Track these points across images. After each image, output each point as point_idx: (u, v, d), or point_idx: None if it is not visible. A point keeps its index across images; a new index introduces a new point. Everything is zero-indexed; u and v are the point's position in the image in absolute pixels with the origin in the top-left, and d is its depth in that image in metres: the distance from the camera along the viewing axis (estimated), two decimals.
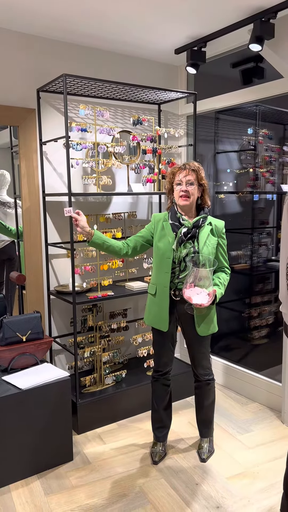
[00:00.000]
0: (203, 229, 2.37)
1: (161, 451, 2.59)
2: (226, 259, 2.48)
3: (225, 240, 2.45)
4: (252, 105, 3.44)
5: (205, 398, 2.55)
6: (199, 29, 2.87)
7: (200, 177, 2.36)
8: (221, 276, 2.43)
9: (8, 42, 2.81)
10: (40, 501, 2.24)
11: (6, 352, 2.57)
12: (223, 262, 2.46)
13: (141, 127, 3.39)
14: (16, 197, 3.31)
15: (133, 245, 2.48)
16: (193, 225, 2.36)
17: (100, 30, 2.84)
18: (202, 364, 2.50)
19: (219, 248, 2.43)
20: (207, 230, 2.38)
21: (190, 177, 2.33)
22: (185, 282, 2.25)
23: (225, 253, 2.46)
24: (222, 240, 2.43)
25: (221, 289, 2.37)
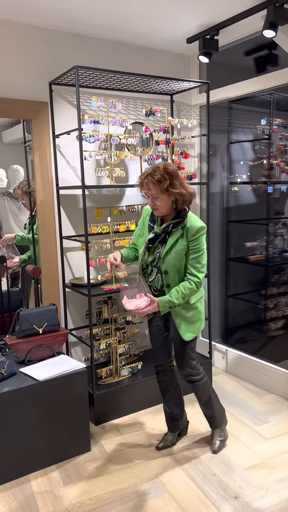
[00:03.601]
0: (174, 234, 2.22)
1: (167, 440, 2.61)
2: (194, 265, 2.22)
3: (198, 244, 2.20)
4: (266, 93, 3.38)
5: (196, 396, 2.53)
6: (211, 16, 2.83)
7: (167, 185, 2.13)
8: (180, 286, 2.21)
9: (19, 35, 2.81)
10: (59, 490, 2.26)
11: (23, 344, 2.59)
12: (189, 269, 2.23)
13: (154, 118, 3.36)
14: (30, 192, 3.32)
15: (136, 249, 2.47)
16: (162, 230, 2.24)
17: (111, 20, 2.82)
18: (182, 366, 2.43)
19: (188, 253, 2.22)
20: (177, 235, 2.21)
21: (152, 191, 2.16)
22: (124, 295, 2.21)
23: (194, 259, 2.21)
24: (191, 244, 2.20)
25: (172, 299, 2.19)
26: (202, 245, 2.23)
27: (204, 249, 2.24)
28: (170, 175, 2.14)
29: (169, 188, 2.14)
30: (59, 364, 2.57)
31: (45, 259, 3.05)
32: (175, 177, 2.16)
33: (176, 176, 2.17)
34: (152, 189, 2.16)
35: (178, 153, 3.26)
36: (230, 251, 3.99)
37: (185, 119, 3.34)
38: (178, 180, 2.18)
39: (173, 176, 2.15)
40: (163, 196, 2.17)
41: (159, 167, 2.17)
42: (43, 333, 2.66)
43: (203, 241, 2.24)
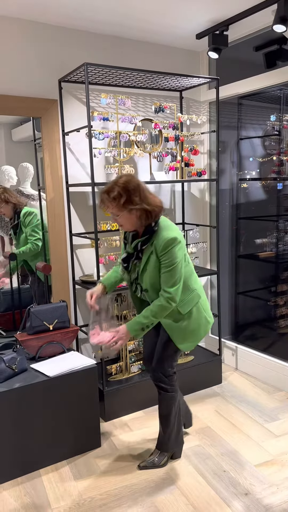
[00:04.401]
0: (146, 251, 2.10)
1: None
2: (165, 280, 2.06)
3: (168, 258, 2.03)
4: (276, 89, 3.36)
5: (158, 406, 2.39)
6: (221, 12, 2.81)
7: (123, 202, 1.98)
8: (150, 306, 2.10)
9: (29, 33, 2.82)
10: (69, 485, 2.28)
11: (34, 340, 2.61)
12: (161, 285, 2.09)
13: (163, 115, 3.36)
14: (40, 189, 3.34)
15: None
16: (134, 249, 2.13)
17: (120, 17, 2.82)
18: (157, 367, 2.31)
19: (160, 268, 2.07)
20: (148, 252, 2.08)
21: (110, 209, 2.04)
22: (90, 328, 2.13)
23: (165, 273, 2.06)
24: (162, 259, 2.05)
25: (140, 319, 2.07)
26: (174, 259, 2.04)
27: (176, 262, 2.05)
28: (128, 192, 1.98)
29: (127, 205, 1.99)
30: (69, 360, 2.58)
31: (55, 256, 3.06)
32: (134, 192, 1.99)
33: (135, 191, 2.00)
34: (110, 207, 2.03)
35: (187, 150, 3.26)
36: (240, 248, 3.97)
37: (195, 115, 3.33)
38: (139, 195, 2.01)
39: (131, 192, 1.99)
40: (123, 213, 2.02)
41: (117, 182, 2.01)
42: (54, 329, 2.68)
43: (175, 254, 2.04)
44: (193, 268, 2.30)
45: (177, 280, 2.07)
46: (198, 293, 2.26)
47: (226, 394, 3.19)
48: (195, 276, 2.29)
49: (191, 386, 3.20)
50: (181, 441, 2.47)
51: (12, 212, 3.16)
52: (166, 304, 2.07)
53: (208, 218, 3.75)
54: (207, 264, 3.83)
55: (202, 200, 3.76)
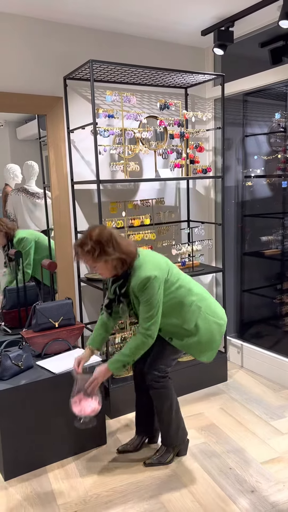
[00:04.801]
0: (127, 291, 2.15)
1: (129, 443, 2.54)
2: (142, 315, 2.10)
3: (145, 296, 2.07)
4: (282, 85, 3.33)
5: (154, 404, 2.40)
6: (226, 8, 2.80)
7: (97, 254, 2.02)
8: (129, 343, 2.14)
9: (33, 30, 2.82)
10: (75, 482, 2.28)
11: (39, 337, 2.62)
12: (139, 320, 2.14)
13: (168, 112, 3.35)
14: (45, 187, 3.34)
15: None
16: (113, 294, 2.18)
17: (125, 14, 2.81)
18: (151, 367, 2.32)
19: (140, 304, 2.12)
20: (129, 293, 2.15)
21: (87, 262, 2.10)
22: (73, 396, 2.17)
23: (142, 309, 2.09)
24: (140, 297, 2.09)
25: (119, 356, 2.13)
26: (151, 297, 2.07)
27: (152, 299, 2.07)
28: (101, 244, 2.02)
29: (101, 256, 2.03)
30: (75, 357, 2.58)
31: (60, 253, 3.07)
32: (107, 244, 2.03)
33: (108, 242, 2.03)
34: (85, 260, 2.08)
35: (192, 147, 3.25)
36: (245, 245, 3.96)
37: (200, 112, 3.32)
38: (112, 245, 2.04)
39: (104, 244, 2.02)
40: (99, 264, 2.07)
41: (90, 235, 2.04)
42: (59, 327, 2.68)
43: (151, 291, 2.06)
44: (187, 279, 2.30)
45: (153, 314, 2.09)
46: (198, 304, 2.25)
47: (232, 391, 3.19)
48: (190, 288, 2.27)
49: (196, 384, 3.20)
50: (183, 437, 2.45)
51: (5, 240, 3.11)
52: (144, 339, 2.11)
53: (214, 216, 3.74)
54: (212, 262, 3.83)
55: (207, 198, 3.75)
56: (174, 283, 2.20)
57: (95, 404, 2.20)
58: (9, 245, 3.14)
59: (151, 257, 2.17)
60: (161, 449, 2.44)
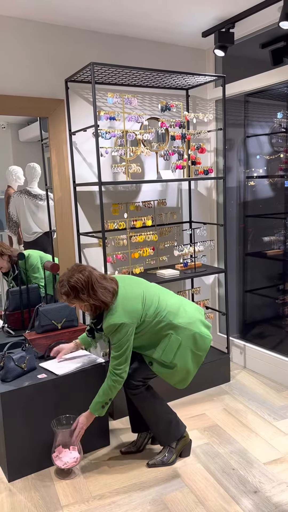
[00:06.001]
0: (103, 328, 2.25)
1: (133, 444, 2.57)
2: (113, 355, 2.19)
3: (113, 340, 2.17)
4: (283, 86, 3.34)
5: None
6: (227, 9, 2.81)
7: (72, 297, 2.15)
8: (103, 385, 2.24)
9: (35, 33, 2.84)
10: (79, 483, 2.29)
11: (42, 339, 2.63)
12: (110, 361, 2.23)
13: (169, 113, 3.36)
14: (47, 189, 3.36)
15: None
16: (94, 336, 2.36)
17: (126, 16, 2.82)
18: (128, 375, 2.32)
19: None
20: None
21: (69, 301, 2.20)
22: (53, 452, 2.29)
23: (113, 350, 2.19)
24: (109, 338, 2.22)
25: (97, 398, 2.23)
26: (119, 340, 2.15)
27: (120, 343, 2.15)
28: (75, 290, 2.13)
29: (76, 300, 2.17)
30: (78, 359, 2.60)
31: (63, 255, 3.08)
32: (82, 290, 2.13)
33: (83, 289, 2.13)
34: (64, 299, 2.20)
35: (194, 148, 3.25)
36: (247, 246, 3.96)
37: (201, 113, 3.33)
38: (87, 292, 2.13)
39: (79, 291, 2.13)
40: (77, 303, 2.21)
41: (68, 279, 2.14)
42: (62, 328, 2.69)
43: (119, 336, 2.15)
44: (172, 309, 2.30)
45: (121, 355, 2.18)
46: (177, 336, 2.26)
47: (235, 392, 3.19)
48: (171, 321, 2.27)
49: (199, 384, 3.20)
50: (176, 434, 2.42)
51: (8, 264, 3.12)
52: (113, 383, 2.20)
53: (216, 216, 3.74)
54: (214, 262, 3.83)
55: (209, 198, 3.75)
56: (151, 321, 2.25)
57: (76, 454, 2.31)
58: (13, 269, 3.13)
59: (127, 300, 2.20)
60: (164, 450, 2.45)
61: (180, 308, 2.33)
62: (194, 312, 2.37)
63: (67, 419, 2.39)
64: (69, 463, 2.31)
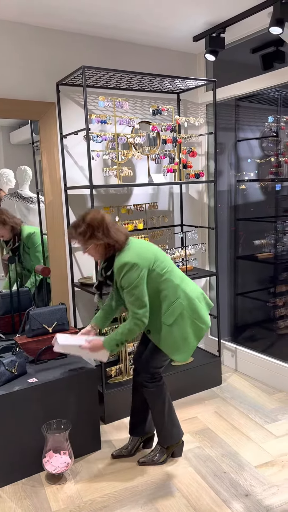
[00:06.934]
0: (112, 275, 2.22)
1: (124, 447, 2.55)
2: (128, 300, 2.16)
3: (125, 282, 2.13)
4: (273, 91, 3.37)
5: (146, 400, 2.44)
6: (217, 14, 2.83)
7: (88, 237, 2.14)
8: (123, 324, 2.20)
9: (26, 36, 2.84)
10: (70, 487, 2.28)
11: (33, 343, 2.61)
12: (128, 307, 2.18)
13: (161, 117, 3.37)
14: (38, 192, 3.34)
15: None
16: (101, 275, 2.30)
17: (117, 20, 2.83)
18: (142, 367, 2.38)
19: (121, 292, 2.20)
20: (113, 276, 2.22)
21: (79, 243, 2.20)
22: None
23: (126, 294, 2.16)
24: (121, 283, 2.16)
25: (116, 335, 2.19)
26: (131, 283, 2.12)
27: (132, 286, 2.12)
28: (91, 227, 2.14)
29: (91, 240, 2.15)
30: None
31: (54, 258, 3.07)
32: (98, 227, 2.14)
33: (99, 227, 2.14)
34: (77, 241, 2.20)
35: (185, 152, 3.26)
36: (239, 249, 3.98)
37: (192, 117, 3.34)
38: (102, 230, 2.14)
39: (95, 228, 2.14)
40: (90, 247, 2.19)
41: (84, 218, 2.16)
42: (53, 332, 2.68)
43: (130, 279, 2.12)
44: (178, 275, 2.32)
45: (136, 299, 2.14)
46: (181, 302, 2.27)
47: (226, 395, 3.20)
48: (179, 284, 2.29)
49: (191, 388, 3.20)
50: (177, 437, 2.45)
51: (10, 234, 3.10)
52: (134, 326, 2.16)
53: (207, 220, 3.75)
54: (205, 266, 3.84)
55: (201, 202, 3.77)
56: (160, 275, 2.22)
57: (67, 459, 2.31)
58: (14, 240, 3.12)
59: (138, 245, 2.22)
60: (155, 449, 2.46)
61: (185, 278, 2.38)
62: (196, 287, 2.42)
63: (57, 424, 2.38)
64: (60, 468, 2.29)
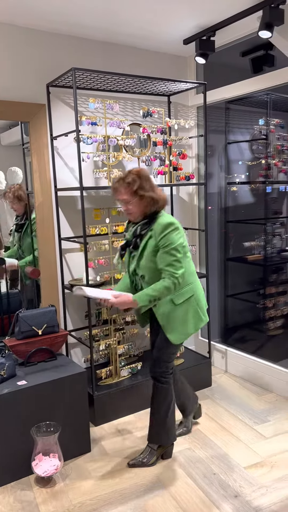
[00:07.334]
0: (144, 237, 2.24)
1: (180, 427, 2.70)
2: (168, 261, 2.16)
3: (167, 241, 2.15)
4: (263, 94, 3.39)
5: (151, 397, 2.45)
6: (207, 17, 2.84)
7: (136, 188, 2.17)
8: (158, 283, 2.18)
9: (17, 38, 2.83)
10: (59, 490, 2.27)
11: (22, 345, 2.60)
12: (162, 268, 2.18)
13: (151, 119, 3.38)
14: (28, 193, 3.33)
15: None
16: (133, 235, 2.28)
17: (108, 22, 2.83)
18: (154, 365, 2.41)
19: (159, 253, 2.19)
20: (147, 237, 2.22)
21: (123, 196, 2.21)
22: None
23: (166, 258, 2.16)
24: (160, 242, 2.16)
25: (149, 291, 2.17)
26: (172, 243, 2.15)
27: (176, 244, 2.16)
28: (140, 178, 2.20)
29: (139, 190, 2.18)
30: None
31: (44, 260, 3.06)
32: (146, 180, 2.21)
33: (147, 180, 2.22)
34: (123, 193, 2.21)
35: (175, 154, 3.28)
36: (229, 251, 4.00)
37: (183, 120, 3.35)
38: (149, 184, 2.22)
39: (143, 179, 2.20)
40: (135, 200, 2.20)
41: (131, 171, 2.25)
42: (43, 334, 2.67)
43: (173, 238, 2.16)
44: (192, 264, 2.41)
45: (178, 260, 2.18)
46: (193, 288, 2.34)
47: (216, 396, 3.21)
48: (192, 272, 2.38)
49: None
50: (171, 439, 2.47)
51: (23, 210, 3.17)
52: (172, 285, 2.17)
53: (197, 222, 3.77)
54: (196, 267, 3.85)
55: (191, 204, 3.78)
56: (185, 254, 2.29)
57: (56, 461, 2.30)
58: (23, 217, 3.18)
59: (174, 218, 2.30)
60: (145, 451, 2.46)
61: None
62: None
63: (47, 426, 2.37)
64: (49, 471, 2.28)
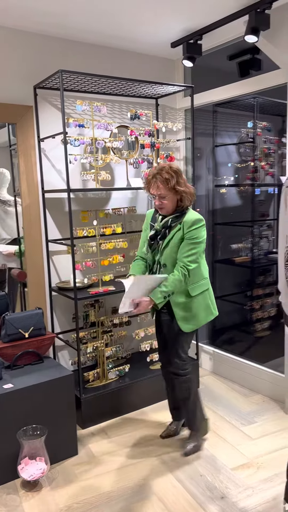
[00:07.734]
0: (173, 229, 2.33)
1: (170, 428, 2.74)
2: (184, 253, 2.28)
3: (193, 235, 2.27)
4: (250, 97, 3.43)
5: (175, 391, 2.55)
6: (194, 21, 2.86)
7: (174, 184, 2.25)
8: (169, 277, 2.28)
9: (3, 39, 2.81)
10: (45, 494, 2.25)
11: (9, 348, 2.58)
12: (180, 257, 2.30)
13: (139, 122, 3.38)
14: (16, 195, 3.31)
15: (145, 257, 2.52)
16: (162, 226, 2.36)
17: (96, 25, 2.84)
18: (172, 357, 2.48)
19: (183, 243, 2.30)
20: (175, 229, 2.32)
21: (161, 190, 2.27)
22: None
23: (187, 247, 2.28)
24: (187, 235, 2.28)
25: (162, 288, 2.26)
26: (198, 238, 2.28)
27: (199, 241, 2.29)
28: (176, 174, 2.28)
29: (176, 186, 2.27)
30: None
31: (31, 262, 3.04)
32: (180, 175, 2.30)
33: (181, 175, 2.31)
34: (160, 188, 2.27)
35: (163, 157, 3.29)
36: (217, 253, 4.02)
37: (170, 122, 3.37)
38: (182, 179, 2.31)
39: (179, 175, 2.29)
40: (170, 195, 2.29)
41: (165, 166, 2.30)
42: (29, 337, 2.65)
43: (200, 233, 2.29)
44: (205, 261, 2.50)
45: (197, 257, 2.31)
46: (207, 283, 2.47)
47: (203, 398, 3.21)
48: (207, 268, 2.48)
49: None
50: (204, 414, 2.65)
51: None
52: (183, 277, 2.27)
53: None
54: None
55: None
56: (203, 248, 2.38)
57: (43, 465, 2.29)
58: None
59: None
60: (192, 437, 2.59)
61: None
62: None
63: (33, 430, 2.36)
64: (36, 475, 2.27)
